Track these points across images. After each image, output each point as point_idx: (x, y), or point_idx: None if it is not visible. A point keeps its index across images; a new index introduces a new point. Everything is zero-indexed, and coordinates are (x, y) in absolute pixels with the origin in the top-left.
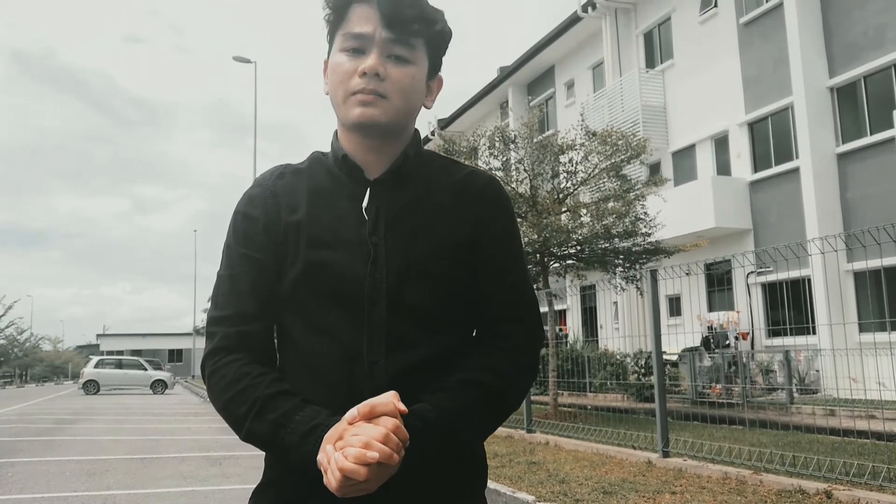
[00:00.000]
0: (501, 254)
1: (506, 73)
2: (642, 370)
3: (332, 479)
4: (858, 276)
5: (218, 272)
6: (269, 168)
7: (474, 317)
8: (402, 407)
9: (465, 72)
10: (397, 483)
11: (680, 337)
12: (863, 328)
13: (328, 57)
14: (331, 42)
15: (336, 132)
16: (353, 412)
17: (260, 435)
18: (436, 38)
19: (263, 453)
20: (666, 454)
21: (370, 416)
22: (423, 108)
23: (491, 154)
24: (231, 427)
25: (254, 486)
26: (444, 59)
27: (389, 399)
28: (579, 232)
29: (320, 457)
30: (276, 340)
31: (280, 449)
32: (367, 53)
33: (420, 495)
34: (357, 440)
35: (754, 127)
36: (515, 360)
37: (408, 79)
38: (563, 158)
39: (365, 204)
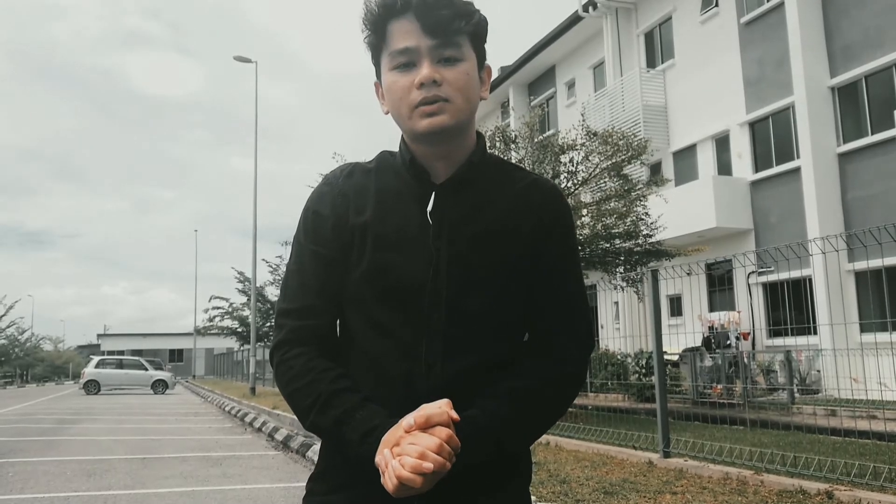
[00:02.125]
0: (559, 266)
1: (507, 73)
2: (643, 370)
3: (389, 483)
4: (860, 276)
5: (287, 265)
6: (338, 166)
7: (528, 325)
8: (455, 415)
9: None
10: (448, 483)
11: (681, 337)
12: (864, 328)
13: (378, 79)
14: (377, 64)
15: (403, 137)
16: (409, 420)
17: (323, 427)
18: (477, 29)
19: (262, 453)
20: (667, 454)
21: (426, 426)
22: (481, 100)
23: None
24: (297, 416)
25: (254, 486)
26: (485, 46)
27: (444, 409)
28: (580, 232)
29: (378, 459)
30: (340, 336)
31: (341, 443)
32: (418, 65)
33: (468, 493)
34: (413, 450)
35: (755, 127)
36: (565, 369)
37: (463, 77)
38: (564, 158)
39: (430, 208)
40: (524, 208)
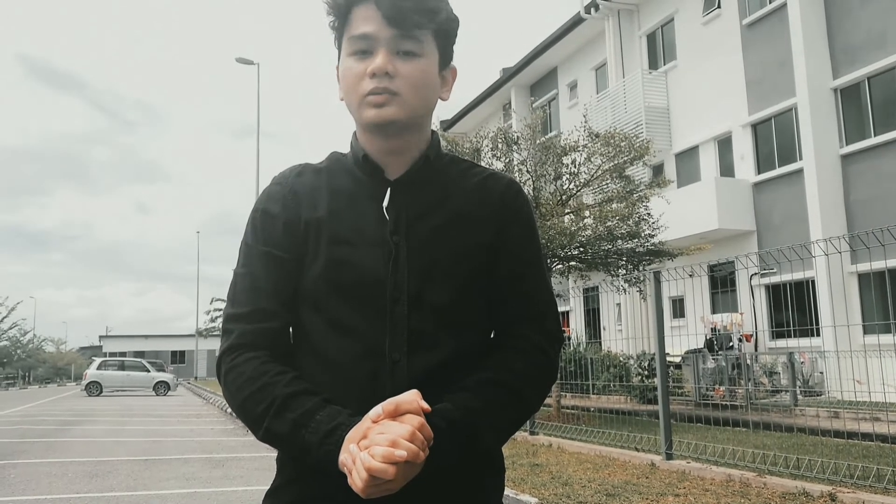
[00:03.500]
0: (521, 257)
1: (509, 75)
2: (645, 372)
3: (357, 480)
4: (863, 278)
5: (235, 270)
6: (287, 167)
7: (493, 318)
8: (426, 405)
9: (468, 73)
10: (418, 482)
11: (683, 339)
12: (867, 330)
13: (339, 63)
14: (339, 48)
15: (355, 133)
16: (377, 410)
17: (279, 434)
18: (442, 27)
19: (264, 455)
20: (669, 456)
21: (395, 415)
22: (439, 100)
23: (494, 155)
24: (248, 426)
25: (256, 487)
26: (454, 47)
27: (413, 397)
28: (582, 234)
29: (343, 457)
30: (294, 339)
31: (300, 448)
32: (374, 53)
33: (440, 495)
34: (384, 439)
35: (758, 128)
36: (534, 360)
37: (418, 73)
38: (566, 160)
39: (386, 203)
40: (483, 200)
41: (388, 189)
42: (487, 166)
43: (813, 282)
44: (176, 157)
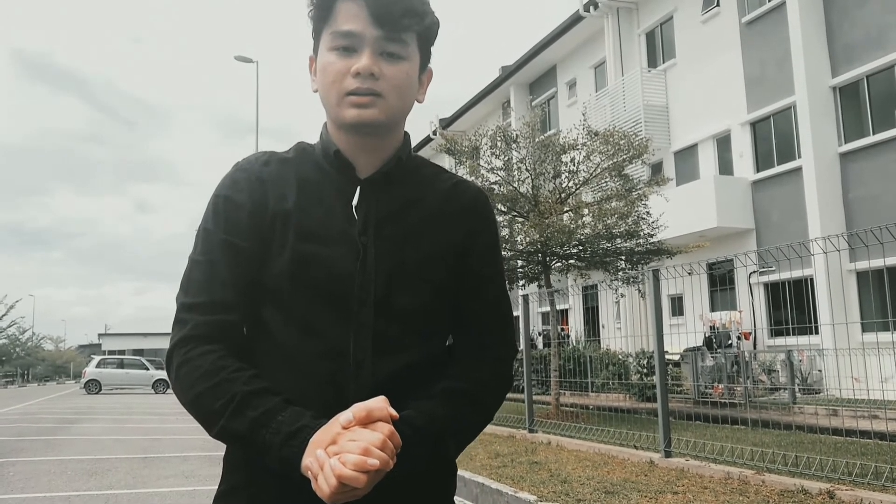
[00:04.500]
0: (487, 267)
1: (508, 73)
2: (644, 370)
3: (324, 486)
4: (861, 276)
5: (191, 257)
6: (251, 153)
7: (456, 324)
8: (394, 413)
9: (466, 71)
10: (379, 489)
11: (682, 337)
12: (865, 328)
13: (314, 54)
14: (317, 38)
15: (325, 125)
16: (348, 415)
17: (236, 433)
18: (426, 31)
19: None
20: (668, 454)
21: (366, 422)
22: (415, 102)
23: (493, 153)
24: (200, 423)
25: None
26: (432, 49)
27: (382, 404)
28: (581, 232)
29: (308, 461)
30: (252, 334)
31: (259, 450)
32: (358, 52)
33: (402, 500)
34: (356, 446)
35: (756, 126)
36: (495, 370)
37: (402, 76)
38: (565, 158)
39: (355, 202)
40: (452, 208)
41: (358, 187)
42: (456, 173)
43: (811, 280)
44: (175, 155)
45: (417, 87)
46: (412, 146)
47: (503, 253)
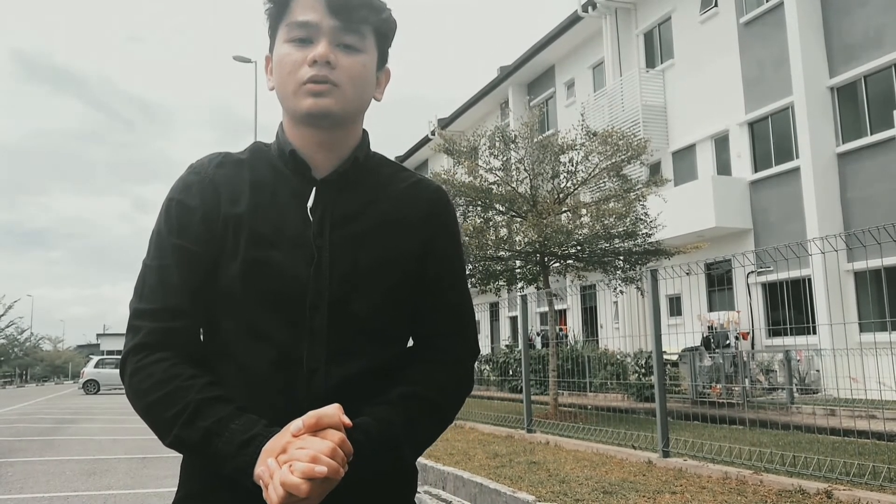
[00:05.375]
0: (446, 268)
1: (506, 73)
2: (643, 370)
3: (273, 495)
4: (859, 276)
5: (144, 261)
6: (205, 155)
7: (415, 327)
8: (347, 420)
9: (465, 71)
10: (335, 496)
11: (680, 337)
12: (863, 328)
13: (270, 52)
14: (273, 36)
15: (282, 125)
16: (297, 424)
17: (189, 442)
18: (383, 26)
19: None
20: (666, 454)
21: (316, 428)
22: (373, 100)
23: (491, 154)
24: (154, 431)
25: None
26: (389, 50)
27: (335, 411)
28: (579, 232)
29: (260, 470)
30: (203, 341)
31: (211, 458)
32: (314, 43)
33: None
34: (304, 454)
35: (754, 126)
36: (454, 373)
37: (359, 67)
38: (564, 158)
39: (310, 204)
40: (410, 208)
41: (314, 189)
42: (415, 171)
43: (809, 280)
44: (175, 154)
45: (375, 82)
46: (412, 146)
47: (502, 253)
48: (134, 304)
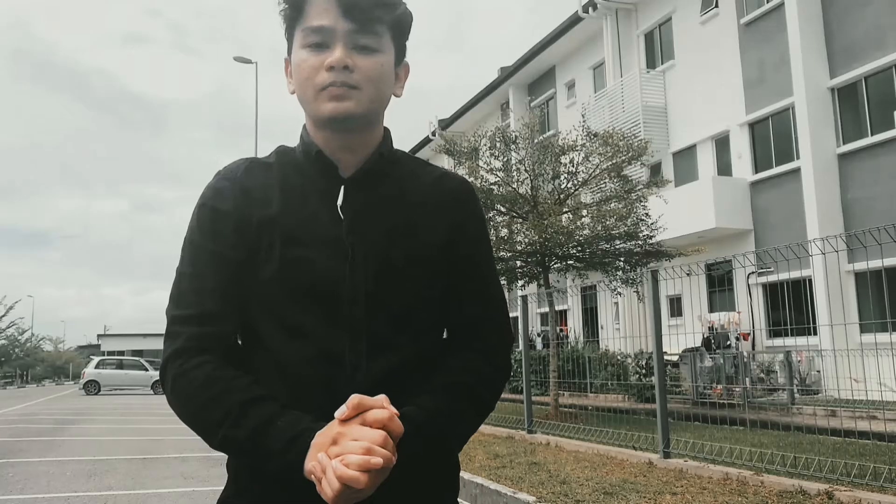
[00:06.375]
0: (476, 256)
1: (506, 74)
2: (643, 371)
3: (328, 489)
4: (859, 277)
5: (178, 269)
6: (232, 161)
7: (449, 318)
8: (393, 409)
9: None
10: (383, 488)
11: (681, 337)
12: (864, 329)
13: (289, 55)
14: (290, 39)
15: (305, 127)
16: (342, 409)
17: (237, 443)
18: (399, 22)
19: None
20: (667, 455)
21: (360, 410)
22: (393, 96)
23: (492, 154)
24: (200, 435)
25: None
26: (407, 43)
27: (380, 397)
28: (580, 233)
29: (311, 465)
30: (242, 343)
31: (261, 457)
32: (331, 47)
33: (403, 499)
34: (357, 446)
35: (755, 127)
36: (493, 361)
37: (377, 67)
38: (564, 159)
39: (340, 202)
40: (437, 200)
41: (342, 187)
42: (440, 166)
43: (810, 280)
44: (175, 155)
45: (394, 80)
46: (413, 147)
47: (502, 253)
48: (171, 311)
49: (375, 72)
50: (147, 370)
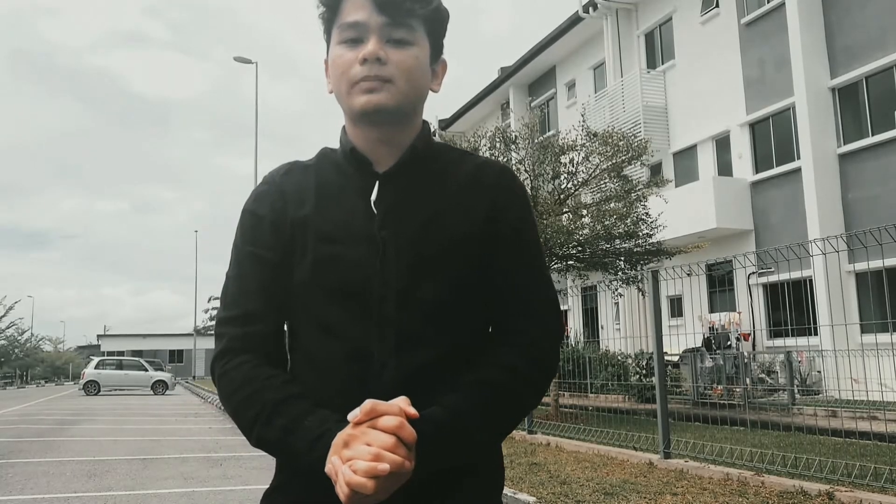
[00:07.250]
0: (518, 245)
1: (507, 74)
2: (643, 371)
3: (341, 493)
4: (860, 277)
5: (226, 273)
6: (278, 165)
7: (490, 312)
8: (413, 411)
9: (466, 72)
10: (411, 488)
11: (681, 338)
12: (864, 329)
13: (327, 56)
14: (328, 40)
15: (344, 127)
16: (355, 412)
17: (269, 441)
18: (433, 17)
19: (263, 454)
20: (667, 455)
21: (372, 415)
22: (430, 92)
23: (492, 154)
24: (242, 433)
25: (255, 486)
26: (444, 41)
27: (397, 401)
28: (580, 233)
29: (328, 467)
30: (282, 342)
31: (290, 455)
32: (365, 41)
33: (434, 500)
34: (366, 451)
35: (755, 127)
36: (531, 356)
37: (411, 59)
38: (564, 159)
39: (374, 198)
40: (475, 189)
41: (377, 182)
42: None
43: (811, 281)
44: (175, 155)
45: (430, 74)
46: None
47: None
48: (218, 314)
49: (408, 64)
50: (147, 370)
